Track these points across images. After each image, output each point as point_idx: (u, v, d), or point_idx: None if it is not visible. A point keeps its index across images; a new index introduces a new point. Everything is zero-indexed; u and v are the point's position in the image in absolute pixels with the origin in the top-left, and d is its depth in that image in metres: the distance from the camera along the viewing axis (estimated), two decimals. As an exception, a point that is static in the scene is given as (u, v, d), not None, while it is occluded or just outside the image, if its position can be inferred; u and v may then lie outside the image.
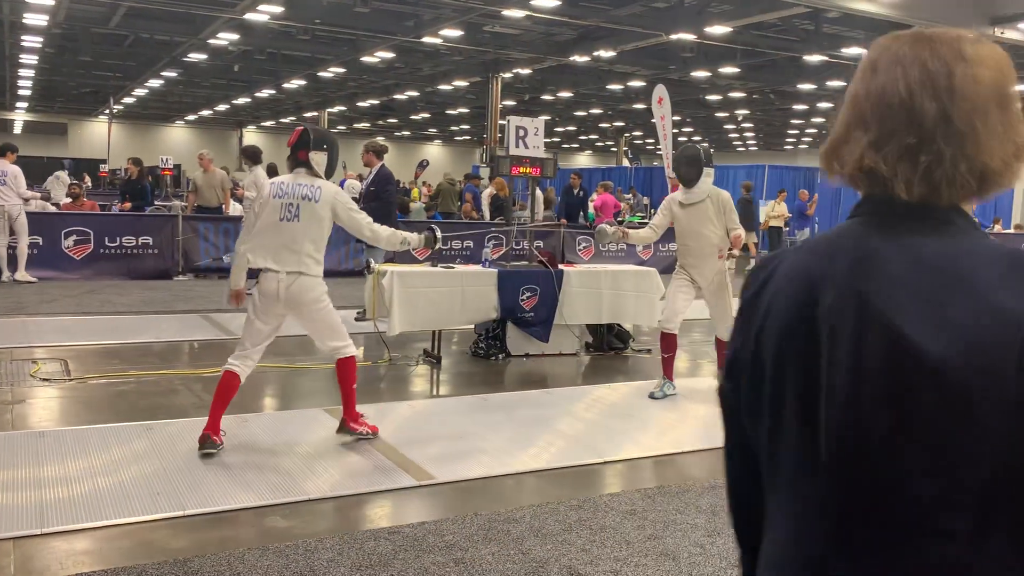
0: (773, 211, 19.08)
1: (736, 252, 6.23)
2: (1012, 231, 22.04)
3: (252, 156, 10.29)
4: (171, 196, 19.74)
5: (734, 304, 6.26)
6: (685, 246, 6.18)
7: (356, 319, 8.99)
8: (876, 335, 0.97)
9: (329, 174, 4.70)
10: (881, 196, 1.04)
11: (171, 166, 20.91)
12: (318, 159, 4.60)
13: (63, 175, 18.76)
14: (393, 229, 4.97)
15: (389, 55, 30.65)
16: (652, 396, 6.13)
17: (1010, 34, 22.29)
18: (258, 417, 5.33)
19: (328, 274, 4.77)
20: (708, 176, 5.97)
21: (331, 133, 4.81)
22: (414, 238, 5.03)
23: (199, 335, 7.96)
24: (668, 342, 6.15)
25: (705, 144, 6.58)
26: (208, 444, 4.44)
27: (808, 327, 1.03)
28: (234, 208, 13.07)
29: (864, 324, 0.99)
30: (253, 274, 4.59)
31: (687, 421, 5.59)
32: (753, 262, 6.61)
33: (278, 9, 23.24)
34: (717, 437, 4.62)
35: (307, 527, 3.69)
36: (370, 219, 4.84)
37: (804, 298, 1.05)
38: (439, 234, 5.21)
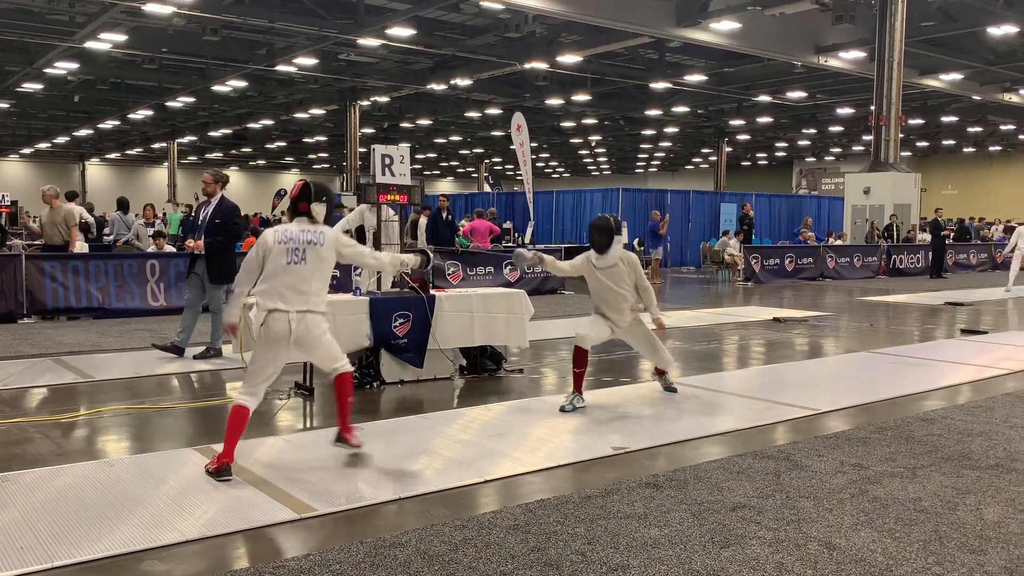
0: None
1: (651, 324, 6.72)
2: (839, 242, 23.81)
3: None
4: (10, 235, 18.51)
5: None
6: (602, 301, 6.64)
7: (195, 357, 8.53)
8: None
9: (327, 222, 5.12)
10: None
11: (8, 203, 19.61)
12: (318, 210, 5.03)
13: None
14: (392, 254, 5.62)
15: (241, 84, 29.98)
16: (563, 409, 6.42)
17: (832, 62, 24.21)
18: (124, 460, 5.12)
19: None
20: (618, 243, 6.52)
21: (328, 186, 5.24)
22: (411, 259, 5.61)
23: (52, 379, 7.54)
24: (580, 358, 6.50)
25: (615, 215, 7.40)
26: (225, 470, 4.68)
27: None
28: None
29: None
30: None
31: (557, 435, 5.76)
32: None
33: (121, 38, 22.38)
34: (586, 449, 4.92)
35: (187, 569, 3.59)
36: (371, 249, 5.46)
37: None
38: (431, 255, 6.01)
